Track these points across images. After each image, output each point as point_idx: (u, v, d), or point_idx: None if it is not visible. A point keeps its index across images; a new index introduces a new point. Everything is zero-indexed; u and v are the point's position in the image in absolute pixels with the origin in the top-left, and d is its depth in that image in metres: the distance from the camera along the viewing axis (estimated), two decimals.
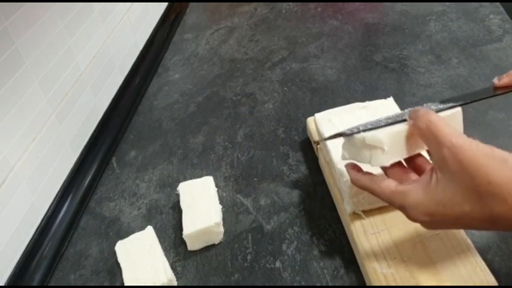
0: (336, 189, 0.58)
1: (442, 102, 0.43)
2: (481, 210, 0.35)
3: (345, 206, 0.54)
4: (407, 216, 0.40)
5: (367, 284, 0.50)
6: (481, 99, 0.42)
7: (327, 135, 0.58)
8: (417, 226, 0.51)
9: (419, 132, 0.39)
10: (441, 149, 0.36)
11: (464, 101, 0.43)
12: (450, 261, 0.47)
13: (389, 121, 0.43)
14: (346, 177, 0.51)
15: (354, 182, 0.46)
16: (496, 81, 0.42)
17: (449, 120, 0.42)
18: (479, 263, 0.47)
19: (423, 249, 0.49)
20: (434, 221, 0.38)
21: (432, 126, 0.38)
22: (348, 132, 0.44)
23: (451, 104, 0.43)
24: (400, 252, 0.49)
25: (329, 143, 0.57)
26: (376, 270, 0.48)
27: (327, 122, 0.59)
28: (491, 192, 0.34)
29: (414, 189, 0.39)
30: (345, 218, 0.55)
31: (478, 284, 0.45)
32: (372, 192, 0.43)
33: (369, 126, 0.43)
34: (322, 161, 0.64)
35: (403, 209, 0.40)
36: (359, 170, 0.46)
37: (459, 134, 0.37)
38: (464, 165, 0.35)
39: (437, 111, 0.42)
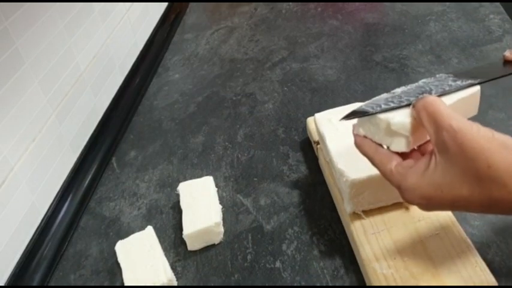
0: (336, 189, 0.58)
1: (455, 75, 0.42)
2: (480, 194, 0.35)
3: (345, 206, 0.54)
4: (402, 197, 0.39)
5: (367, 284, 0.50)
6: (499, 77, 0.42)
7: (327, 135, 0.58)
8: (417, 226, 0.52)
9: (420, 116, 0.39)
10: (440, 132, 0.36)
11: (481, 78, 0.42)
12: (450, 261, 0.47)
13: (411, 98, 0.41)
14: (346, 177, 0.51)
15: (357, 145, 0.44)
16: (508, 53, 0.42)
17: (468, 101, 0.42)
18: (479, 263, 0.47)
19: (423, 249, 0.49)
20: (430, 204, 0.38)
21: (431, 109, 0.37)
22: (371, 110, 0.42)
23: (469, 82, 0.41)
24: (400, 252, 0.49)
25: (329, 143, 0.57)
26: (376, 271, 0.48)
27: (327, 122, 0.60)
28: (491, 176, 0.34)
29: (413, 172, 0.38)
30: (345, 218, 0.55)
31: (478, 284, 0.45)
32: (372, 162, 0.42)
33: (392, 105, 0.41)
34: (322, 161, 0.64)
35: (399, 189, 0.39)
36: (365, 135, 0.44)
37: (459, 117, 0.36)
38: (464, 148, 0.35)
39: (454, 88, 0.41)
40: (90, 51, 0.75)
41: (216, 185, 0.65)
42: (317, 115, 0.62)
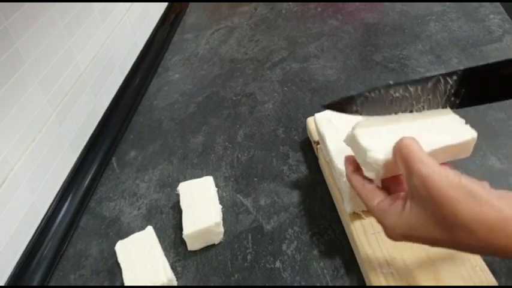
0: (336, 189, 0.58)
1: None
2: (450, 239, 0.36)
3: (345, 206, 0.54)
4: (385, 233, 0.41)
5: (367, 284, 0.50)
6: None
7: (327, 135, 0.58)
8: None
9: (395, 158, 0.39)
10: (411, 176, 0.37)
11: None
12: (450, 261, 0.47)
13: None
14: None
15: (347, 177, 0.46)
16: None
17: (460, 146, 0.43)
18: (479, 263, 0.47)
19: (423, 249, 0.49)
20: (410, 241, 0.39)
21: (404, 152, 0.38)
22: (371, 95, 0.44)
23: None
24: (400, 252, 0.49)
25: (329, 143, 0.57)
26: (376, 270, 0.48)
27: (327, 122, 0.60)
28: (458, 224, 0.34)
29: (392, 211, 0.39)
30: (345, 218, 0.55)
31: (478, 284, 0.45)
32: (359, 196, 0.44)
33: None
34: (322, 161, 0.64)
35: (381, 225, 0.41)
36: (356, 168, 0.45)
37: (430, 162, 0.36)
38: (432, 195, 0.35)
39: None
40: (90, 51, 0.75)
41: (216, 185, 0.65)
42: (317, 115, 0.62)
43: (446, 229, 0.35)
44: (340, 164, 0.53)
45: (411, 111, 0.45)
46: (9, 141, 0.56)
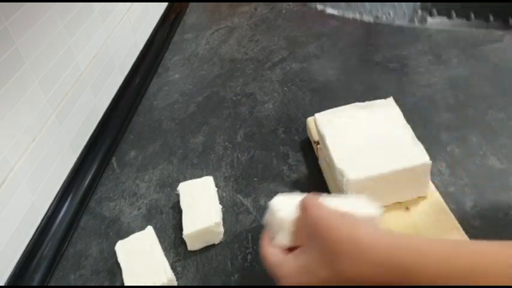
0: (336, 189, 0.58)
1: None
2: (335, 275, 0.35)
3: None
4: (282, 284, 0.40)
5: None
6: None
7: (327, 135, 0.58)
8: (417, 226, 0.52)
9: (300, 211, 0.41)
10: (306, 220, 0.39)
11: None
12: None
13: None
14: (346, 177, 0.51)
15: (262, 252, 0.44)
16: None
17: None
18: None
19: None
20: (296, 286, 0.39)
21: (304, 202, 0.41)
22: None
23: None
24: None
25: (329, 142, 0.57)
26: None
27: (327, 122, 0.60)
28: (337, 251, 0.35)
29: (288, 260, 0.40)
30: None
31: None
32: (266, 264, 0.42)
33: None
34: (322, 161, 0.64)
35: (279, 280, 0.40)
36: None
37: (316, 204, 0.39)
38: (317, 230, 0.37)
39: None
40: (90, 51, 0.75)
41: (216, 185, 0.65)
42: (317, 115, 0.62)
43: (330, 262, 0.36)
44: (340, 164, 0.53)
45: None
46: (9, 141, 0.56)
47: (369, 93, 0.79)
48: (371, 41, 0.92)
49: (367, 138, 0.56)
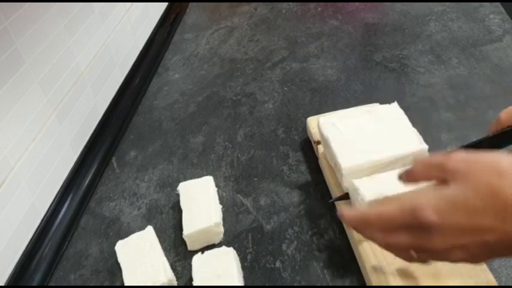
0: (336, 189, 0.58)
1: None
2: (501, 227, 0.32)
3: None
4: (416, 218, 0.35)
5: (368, 284, 0.50)
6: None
7: (331, 139, 0.57)
8: None
9: (419, 175, 0.38)
10: (445, 167, 0.36)
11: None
12: None
13: None
14: (362, 196, 0.50)
15: (346, 219, 0.42)
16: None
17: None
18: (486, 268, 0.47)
19: None
20: (445, 222, 0.34)
21: (425, 162, 0.38)
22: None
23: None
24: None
25: (335, 146, 0.56)
26: (376, 270, 0.48)
27: (331, 126, 0.58)
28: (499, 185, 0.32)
29: (425, 191, 0.36)
30: None
31: (479, 284, 0.45)
32: (376, 217, 0.38)
33: None
34: (322, 161, 0.64)
35: (413, 210, 0.35)
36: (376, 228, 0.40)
37: (448, 153, 0.36)
38: (472, 167, 0.34)
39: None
40: (90, 51, 0.75)
41: (216, 185, 0.65)
42: (321, 119, 0.60)
43: (499, 213, 0.31)
44: (347, 167, 0.53)
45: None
46: (9, 141, 0.56)
47: (368, 93, 0.79)
48: (371, 41, 0.92)
49: (373, 142, 0.55)
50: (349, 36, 0.96)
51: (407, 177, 0.40)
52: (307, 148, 0.70)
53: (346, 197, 0.54)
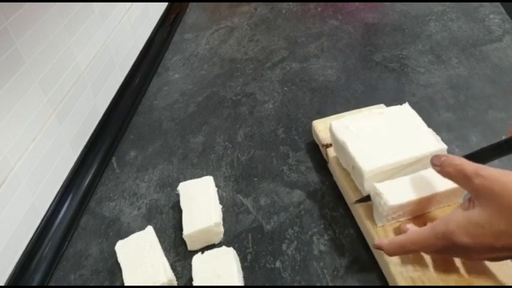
0: (351, 192, 0.57)
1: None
2: None
3: (375, 221, 0.53)
4: (451, 241, 0.41)
5: (390, 284, 0.49)
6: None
7: (347, 142, 0.56)
8: None
9: (448, 176, 0.44)
10: (471, 181, 0.41)
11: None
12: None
13: None
14: (385, 200, 0.50)
15: (386, 250, 0.47)
16: None
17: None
18: (506, 262, 0.46)
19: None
20: (476, 243, 0.40)
21: (458, 167, 0.43)
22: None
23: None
24: (425, 254, 0.48)
25: (351, 149, 0.55)
26: (402, 274, 0.47)
27: (345, 129, 0.58)
28: None
29: (454, 215, 0.42)
30: (363, 221, 0.54)
31: (510, 284, 0.45)
32: (413, 244, 0.45)
33: None
34: (332, 164, 0.62)
35: (446, 235, 0.42)
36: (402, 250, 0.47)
37: (481, 166, 0.41)
38: (494, 189, 0.39)
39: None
40: (90, 51, 0.75)
41: (216, 185, 0.65)
42: (333, 123, 0.59)
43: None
44: (368, 170, 0.52)
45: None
46: (9, 141, 0.56)
47: (368, 93, 0.79)
48: (371, 41, 0.92)
49: (390, 144, 0.54)
50: (349, 36, 0.96)
51: (440, 168, 0.45)
52: (307, 148, 0.70)
53: (367, 198, 0.54)
